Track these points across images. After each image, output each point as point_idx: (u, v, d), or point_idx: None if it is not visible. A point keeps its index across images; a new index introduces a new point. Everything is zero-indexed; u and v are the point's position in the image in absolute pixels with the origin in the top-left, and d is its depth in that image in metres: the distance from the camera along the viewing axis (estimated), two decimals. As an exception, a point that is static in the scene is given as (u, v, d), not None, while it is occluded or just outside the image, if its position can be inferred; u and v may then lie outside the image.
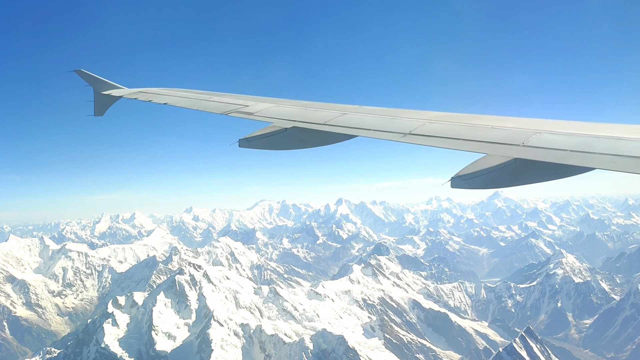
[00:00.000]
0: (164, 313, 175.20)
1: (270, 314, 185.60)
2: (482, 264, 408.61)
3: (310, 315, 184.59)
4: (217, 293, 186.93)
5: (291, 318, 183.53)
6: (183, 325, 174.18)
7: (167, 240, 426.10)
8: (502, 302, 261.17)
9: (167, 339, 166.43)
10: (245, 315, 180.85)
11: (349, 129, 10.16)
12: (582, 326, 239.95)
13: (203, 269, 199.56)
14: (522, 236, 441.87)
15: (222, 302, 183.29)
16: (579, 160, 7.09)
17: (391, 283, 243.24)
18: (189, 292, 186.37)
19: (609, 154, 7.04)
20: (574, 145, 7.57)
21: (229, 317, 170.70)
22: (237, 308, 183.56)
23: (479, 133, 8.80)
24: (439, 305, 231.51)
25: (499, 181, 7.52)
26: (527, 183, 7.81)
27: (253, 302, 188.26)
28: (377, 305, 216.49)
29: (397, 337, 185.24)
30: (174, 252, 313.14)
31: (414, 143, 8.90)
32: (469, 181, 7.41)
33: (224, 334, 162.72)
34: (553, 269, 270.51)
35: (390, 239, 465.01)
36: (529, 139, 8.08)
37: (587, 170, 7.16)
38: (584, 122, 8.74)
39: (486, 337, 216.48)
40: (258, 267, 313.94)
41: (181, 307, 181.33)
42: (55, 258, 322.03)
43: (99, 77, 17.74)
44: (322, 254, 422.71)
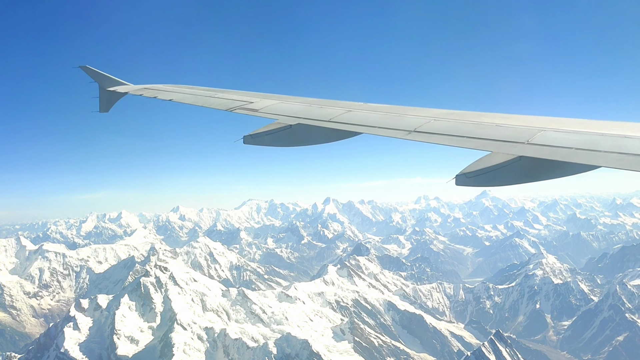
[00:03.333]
0: (128, 316, 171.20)
1: (238, 316, 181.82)
2: (466, 264, 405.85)
3: (278, 318, 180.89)
4: (184, 296, 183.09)
5: (259, 321, 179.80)
6: (147, 328, 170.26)
7: (150, 240, 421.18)
8: (481, 303, 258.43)
9: (130, 342, 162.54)
10: (212, 318, 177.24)
11: (353, 126, 10.10)
12: (561, 328, 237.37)
13: (169, 270, 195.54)
14: (508, 235, 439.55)
15: (189, 304, 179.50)
16: (584, 159, 6.97)
17: (367, 284, 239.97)
18: (154, 294, 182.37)
19: (614, 152, 6.94)
20: (579, 143, 7.40)
21: (193, 320, 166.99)
22: (204, 311, 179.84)
23: (484, 131, 8.66)
24: (415, 307, 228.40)
25: (503, 179, 7.44)
26: (531, 181, 7.67)
27: (221, 305, 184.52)
28: (350, 308, 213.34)
29: (367, 340, 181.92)
30: (151, 253, 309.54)
31: (418, 140, 8.83)
32: (474, 179, 7.36)
33: (187, 337, 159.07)
34: (532, 269, 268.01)
35: (376, 239, 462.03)
36: (533, 137, 7.92)
37: (592, 168, 7.06)
38: (589, 120, 8.49)
39: (462, 339, 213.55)
40: (237, 268, 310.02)
41: (146, 310, 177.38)
42: (31, 259, 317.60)
43: (104, 74, 17.61)
44: (307, 254, 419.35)
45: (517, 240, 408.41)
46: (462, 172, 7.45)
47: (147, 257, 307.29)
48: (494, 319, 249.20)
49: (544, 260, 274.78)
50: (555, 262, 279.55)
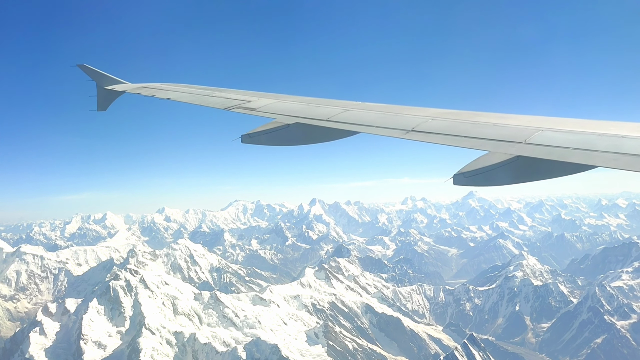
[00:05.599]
0: (96, 321, 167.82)
1: (210, 320, 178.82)
2: (450, 265, 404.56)
3: (251, 322, 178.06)
4: (154, 299, 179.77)
5: (231, 325, 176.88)
6: (115, 333, 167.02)
7: (132, 242, 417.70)
8: (461, 306, 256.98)
9: (97, 348, 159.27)
10: (184, 322, 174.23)
11: (351, 125, 10.06)
12: (540, 330, 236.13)
13: (140, 274, 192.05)
14: (493, 236, 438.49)
15: (159, 308, 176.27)
16: (581, 158, 7.01)
17: (345, 287, 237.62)
18: (123, 298, 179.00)
19: (611, 152, 6.99)
20: (576, 143, 7.44)
21: (162, 324, 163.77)
22: (175, 315, 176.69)
23: (481, 130, 8.63)
24: (393, 309, 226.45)
25: (501, 178, 7.43)
26: (529, 180, 7.67)
27: (192, 309, 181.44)
28: (327, 310, 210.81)
29: (341, 343, 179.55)
30: (131, 255, 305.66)
31: (416, 140, 8.78)
32: (471, 178, 7.33)
33: (155, 342, 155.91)
34: (513, 271, 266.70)
35: (361, 240, 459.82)
36: (531, 137, 7.94)
37: (589, 168, 7.07)
38: (586, 120, 8.49)
39: (439, 341, 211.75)
40: (218, 270, 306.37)
41: (115, 314, 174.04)
42: (8, 261, 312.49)
43: (102, 72, 17.52)
44: (291, 256, 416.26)
45: (501, 241, 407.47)
46: (460, 172, 7.34)
47: (125, 260, 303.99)
48: (474, 321, 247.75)
49: (524, 261, 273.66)
50: (535, 264, 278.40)
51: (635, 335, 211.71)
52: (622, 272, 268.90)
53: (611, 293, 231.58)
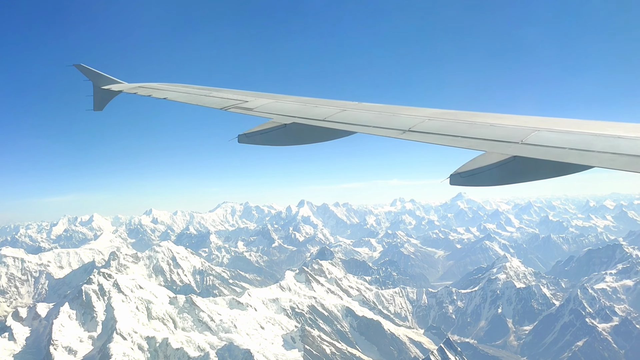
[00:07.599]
0: (67, 326, 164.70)
1: (185, 324, 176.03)
2: (436, 267, 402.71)
3: (227, 326, 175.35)
4: (128, 303, 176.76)
5: (207, 329, 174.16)
6: (87, 338, 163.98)
7: (116, 244, 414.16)
8: (443, 308, 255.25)
9: (67, 353, 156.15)
10: (158, 326, 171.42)
11: (348, 125, 10.07)
12: (522, 333, 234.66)
13: (113, 277, 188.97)
14: (480, 238, 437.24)
15: (133, 313, 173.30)
16: (577, 159, 7.06)
17: (325, 290, 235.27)
18: (96, 302, 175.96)
19: (608, 153, 7.02)
20: (572, 143, 7.48)
21: (134, 329, 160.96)
22: (149, 319, 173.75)
23: (478, 130, 8.65)
24: (374, 313, 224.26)
25: (497, 179, 7.44)
26: (525, 181, 7.71)
27: (167, 313, 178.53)
28: (306, 314, 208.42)
29: (319, 348, 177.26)
30: (112, 257, 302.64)
31: (413, 140, 8.81)
32: (468, 178, 7.35)
33: (126, 348, 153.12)
34: (496, 273, 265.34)
35: (347, 242, 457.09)
36: (527, 137, 7.96)
37: (586, 168, 7.14)
38: (582, 120, 8.48)
39: (420, 345, 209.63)
40: (200, 273, 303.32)
41: (87, 319, 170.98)
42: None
43: (98, 72, 17.56)
44: (277, 258, 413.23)
45: (487, 243, 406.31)
46: (457, 172, 7.34)
47: (107, 262, 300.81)
48: (456, 324, 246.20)
49: (508, 264, 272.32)
50: (519, 266, 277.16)
51: (617, 338, 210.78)
52: (606, 274, 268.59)
53: (593, 295, 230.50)
